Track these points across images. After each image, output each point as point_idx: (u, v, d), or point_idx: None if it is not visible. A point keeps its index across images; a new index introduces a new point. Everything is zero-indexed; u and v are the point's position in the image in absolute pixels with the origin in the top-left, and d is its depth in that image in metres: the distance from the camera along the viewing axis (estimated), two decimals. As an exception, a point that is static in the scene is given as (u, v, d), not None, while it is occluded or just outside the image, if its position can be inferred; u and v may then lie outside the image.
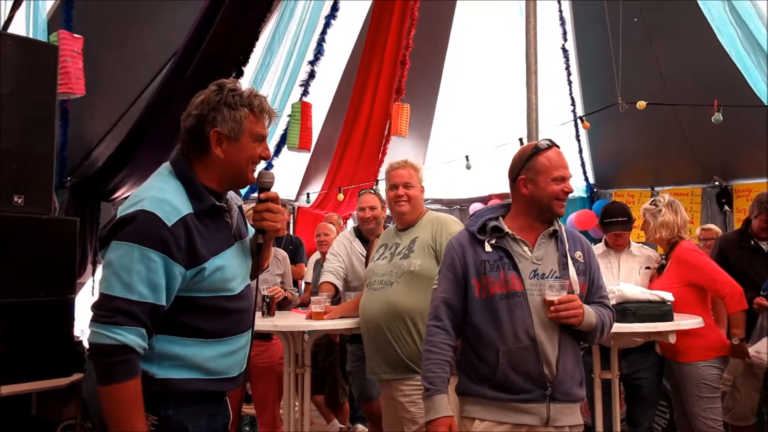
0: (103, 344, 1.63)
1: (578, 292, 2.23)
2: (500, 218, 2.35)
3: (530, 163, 2.30)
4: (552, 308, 2.14)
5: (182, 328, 1.76)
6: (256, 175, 1.93)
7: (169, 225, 1.68)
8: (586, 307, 2.22)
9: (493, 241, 2.27)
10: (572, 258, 2.26)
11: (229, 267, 1.83)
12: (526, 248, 2.26)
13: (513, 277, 2.20)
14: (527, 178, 2.30)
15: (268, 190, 1.96)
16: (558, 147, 2.33)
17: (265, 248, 2.02)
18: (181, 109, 1.93)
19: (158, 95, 5.22)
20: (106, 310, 1.65)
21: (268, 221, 1.94)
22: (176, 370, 1.75)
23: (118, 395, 1.64)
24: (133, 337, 1.63)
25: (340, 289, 3.88)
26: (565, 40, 7.97)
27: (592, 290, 2.34)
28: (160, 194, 1.74)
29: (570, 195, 2.30)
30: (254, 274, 2.01)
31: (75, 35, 4.46)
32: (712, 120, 5.65)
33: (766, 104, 6.11)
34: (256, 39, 5.14)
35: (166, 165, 1.88)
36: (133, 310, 1.64)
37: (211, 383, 1.81)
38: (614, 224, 3.89)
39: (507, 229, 2.29)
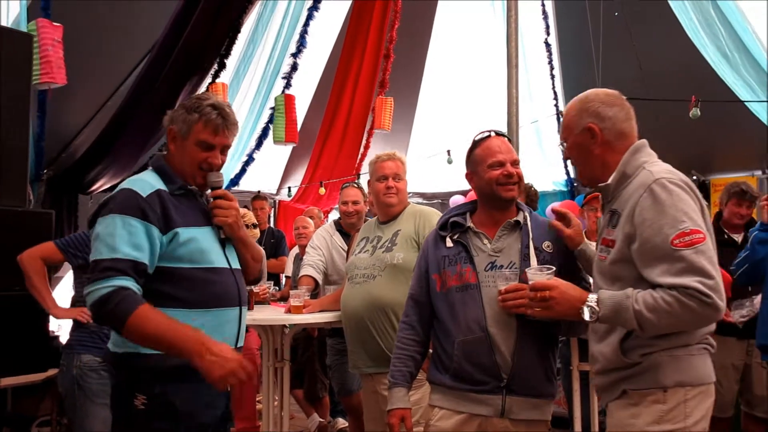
0: (101, 295, 1.76)
1: None
2: (467, 214, 2.37)
3: (471, 158, 2.36)
4: (499, 297, 2.13)
5: (166, 298, 1.88)
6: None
7: (144, 195, 1.90)
8: None
9: (456, 237, 2.31)
10: (537, 248, 2.24)
11: (203, 240, 1.98)
12: (486, 241, 2.28)
13: (468, 270, 2.23)
14: (471, 172, 2.37)
15: (219, 188, 2.10)
16: (501, 135, 2.34)
17: (240, 244, 2.13)
18: (159, 103, 2.04)
19: (137, 88, 5.15)
20: (97, 272, 1.80)
21: (219, 217, 2.05)
22: None
23: (137, 323, 1.74)
24: (125, 281, 1.78)
25: (320, 282, 3.86)
26: (548, 34, 8.00)
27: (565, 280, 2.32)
28: (136, 177, 2.00)
29: (551, 189, 2.27)
30: (244, 270, 2.13)
31: (54, 23, 4.38)
32: (690, 115, 5.71)
33: (742, 100, 6.19)
34: (238, 31, 5.09)
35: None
36: (119, 266, 1.79)
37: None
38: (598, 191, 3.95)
39: (468, 224, 2.31)
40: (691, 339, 1.83)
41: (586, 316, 1.83)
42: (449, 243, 2.31)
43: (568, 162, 2.14)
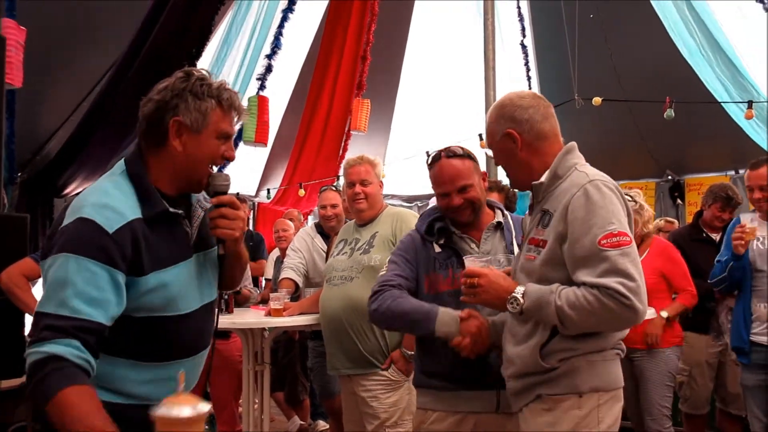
0: (33, 361, 1.43)
1: None
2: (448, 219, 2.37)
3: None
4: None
5: (118, 348, 1.58)
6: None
7: (111, 231, 1.51)
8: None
9: (442, 242, 2.32)
10: (520, 244, 2.25)
11: (175, 284, 1.64)
12: (473, 245, 2.30)
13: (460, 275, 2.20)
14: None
15: (224, 193, 1.74)
16: (449, 156, 2.28)
17: (234, 259, 1.84)
18: (130, 102, 1.86)
19: (106, 88, 5.10)
20: (36, 329, 1.46)
21: (222, 229, 1.71)
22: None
23: (59, 408, 1.40)
24: (62, 348, 1.43)
25: (300, 285, 3.85)
26: (524, 36, 8.06)
27: None
28: (103, 199, 1.57)
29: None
30: (221, 283, 1.86)
31: (20, 27, 4.32)
32: (665, 116, 5.79)
33: (718, 101, 6.29)
34: (210, 31, 5.05)
35: (120, 163, 1.70)
36: (63, 326, 1.44)
37: (132, 408, 1.59)
38: None
39: (453, 229, 2.33)
40: (607, 344, 1.87)
41: (510, 308, 1.84)
42: (437, 248, 2.32)
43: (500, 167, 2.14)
